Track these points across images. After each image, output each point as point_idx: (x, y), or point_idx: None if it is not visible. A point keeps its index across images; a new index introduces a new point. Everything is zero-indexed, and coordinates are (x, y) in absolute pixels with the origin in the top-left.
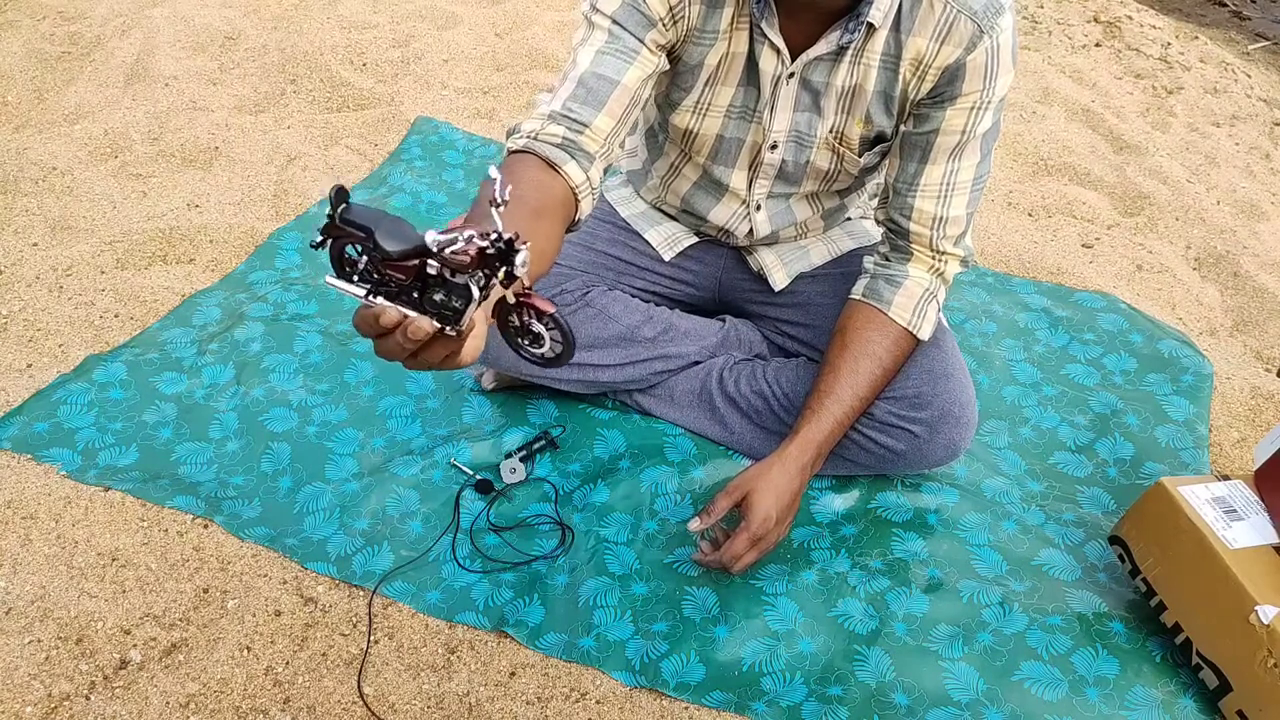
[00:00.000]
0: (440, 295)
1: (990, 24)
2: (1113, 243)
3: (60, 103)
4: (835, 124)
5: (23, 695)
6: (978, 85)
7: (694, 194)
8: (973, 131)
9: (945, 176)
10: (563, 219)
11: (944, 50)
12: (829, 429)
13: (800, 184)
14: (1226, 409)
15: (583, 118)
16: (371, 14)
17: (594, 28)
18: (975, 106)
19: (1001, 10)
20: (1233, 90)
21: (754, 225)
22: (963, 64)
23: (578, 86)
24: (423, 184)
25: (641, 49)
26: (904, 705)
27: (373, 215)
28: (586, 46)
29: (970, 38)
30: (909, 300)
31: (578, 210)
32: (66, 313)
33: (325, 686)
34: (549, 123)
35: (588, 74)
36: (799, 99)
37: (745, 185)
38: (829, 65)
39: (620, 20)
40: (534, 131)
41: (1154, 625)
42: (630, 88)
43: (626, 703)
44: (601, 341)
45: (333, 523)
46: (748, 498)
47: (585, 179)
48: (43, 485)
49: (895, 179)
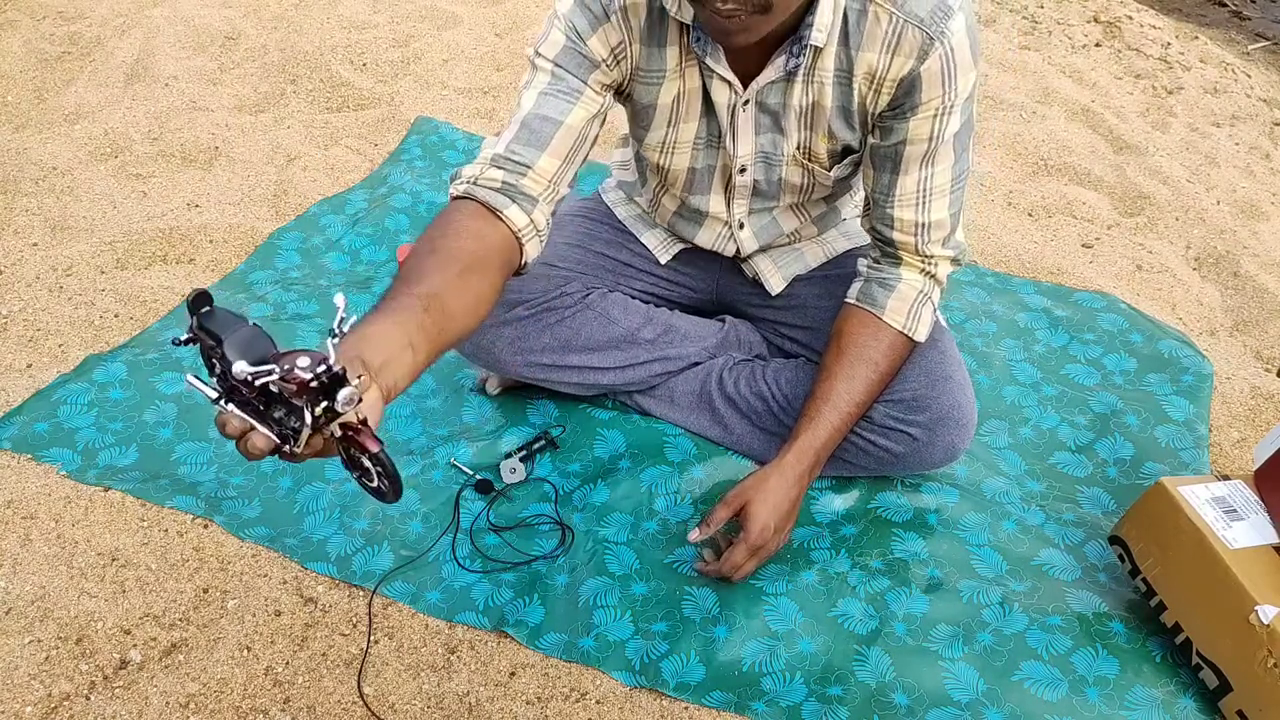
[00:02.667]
0: (280, 413)
1: (939, 30)
2: (1113, 243)
3: (60, 103)
4: (800, 140)
5: (23, 695)
6: (937, 92)
7: (677, 221)
8: (941, 136)
9: (920, 184)
10: (500, 267)
11: (896, 62)
12: (826, 436)
13: (778, 199)
14: (1226, 409)
15: (525, 159)
16: (371, 14)
17: (537, 70)
18: (939, 113)
19: (950, 13)
20: (1233, 90)
21: (739, 244)
22: (918, 74)
23: (520, 129)
24: (423, 184)
25: (585, 89)
26: (904, 705)
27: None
28: (530, 89)
29: (920, 47)
30: (903, 304)
31: (522, 255)
32: (66, 313)
33: (325, 686)
34: (489, 167)
35: (530, 115)
36: (759, 122)
37: (724, 207)
38: (782, 87)
39: (562, 63)
40: (474, 177)
41: (1154, 625)
42: (575, 128)
43: (626, 703)
44: (602, 344)
45: (333, 523)
46: (746, 508)
47: (529, 222)
48: (43, 485)
49: (872, 189)
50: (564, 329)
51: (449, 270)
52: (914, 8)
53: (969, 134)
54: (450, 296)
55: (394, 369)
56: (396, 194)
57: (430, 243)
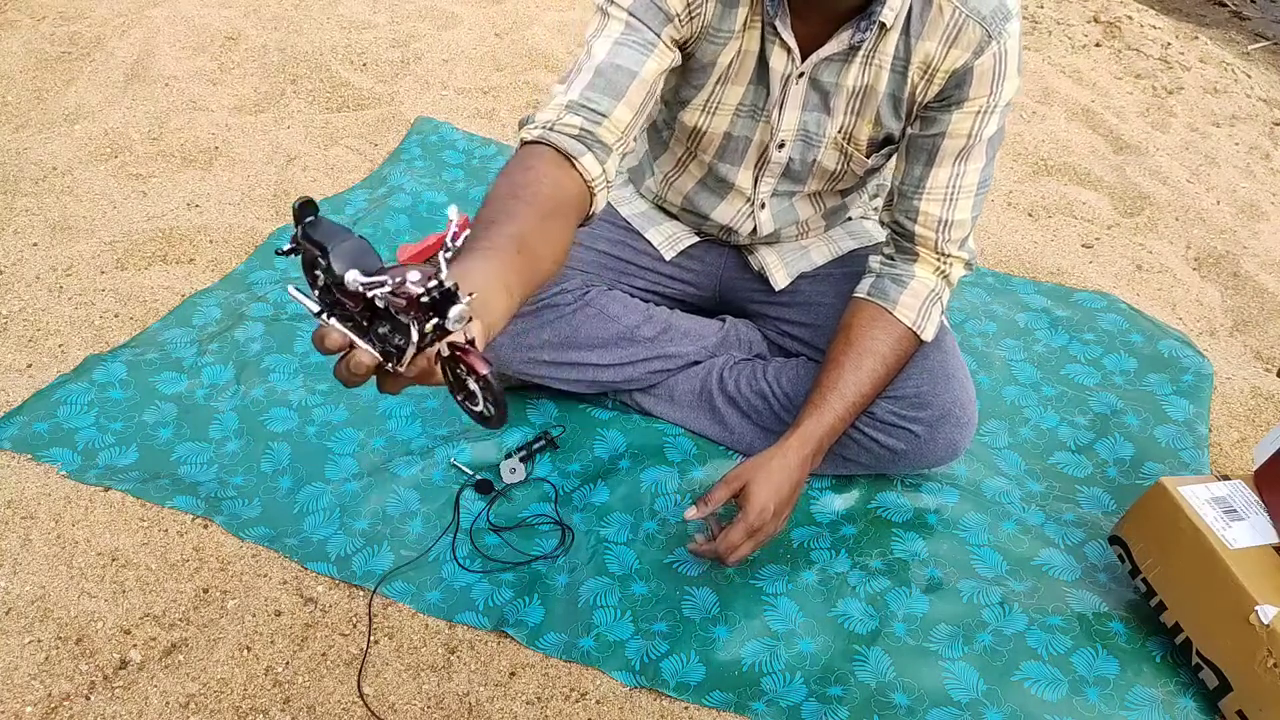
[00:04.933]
0: (385, 329)
1: (998, 29)
2: (1113, 243)
3: (60, 103)
4: (844, 124)
5: (23, 695)
6: (985, 90)
7: (698, 192)
8: (978, 135)
9: (951, 180)
10: (575, 216)
11: (952, 54)
12: (830, 424)
13: (805, 183)
14: (1226, 409)
15: (601, 108)
16: (371, 14)
17: (609, 19)
18: (981, 111)
19: (1009, 16)
20: (1233, 90)
21: (758, 224)
22: (970, 68)
23: (595, 76)
24: (423, 184)
25: (658, 42)
26: (904, 705)
27: (335, 234)
28: (602, 37)
29: (978, 42)
30: (914, 300)
31: (592, 204)
32: (66, 313)
33: (325, 686)
34: (566, 113)
35: (605, 64)
36: (808, 98)
37: (751, 184)
38: (839, 65)
39: (637, 13)
40: (550, 122)
41: (1154, 625)
42: (647, 80)
43: (626, 703)
44: (601, 341)
45: (333, 523)
46: (746, 488)
47: (601, 172)
48: (43, 485)
49: (901, 182)
50: (563, 326)
51: (533, 215)
52: (977, 4)
53: (1000, 141)
54: (537, 241)
55: (493, 309)
56: (396, 194)
57: (511, 186)
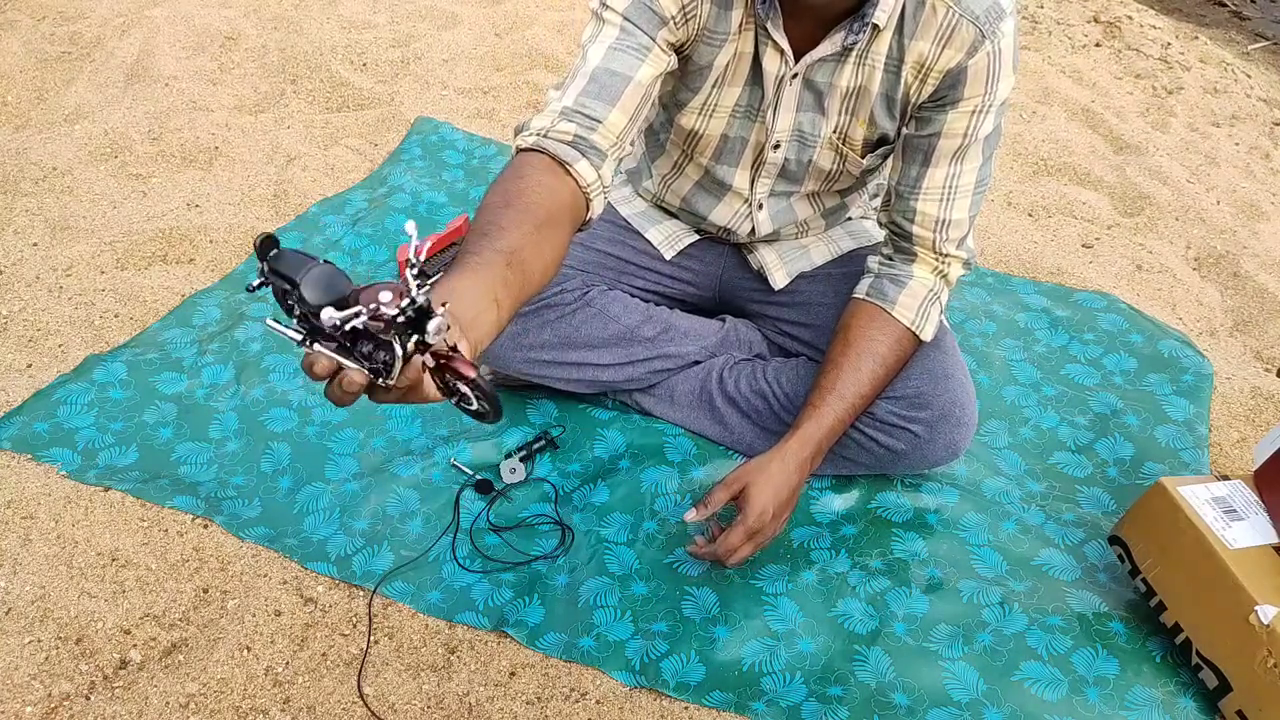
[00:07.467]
0: (368, 348)
1: (992, 29)
2: (1113, 243)
3: (60, 103)
4: (839, 125)
5: (23, 695)
6: (979, 89)
7: (695, 194)
8: (974, 135)
9: (947, 179)
10: (570, 223)
11: (945, 54)
12: (830, 425)
13: (802, 183)
14: (1226, 409)
15: (595, 113)
16: (371, 14)
17: (604, 24)
18: (977, 110)
19: (1003, 15)
20: (1233, 90)
21: (756, 224)
22: (964, 68)
23: (589, 82)
24: (423, 184)
25: (653, 47)
26: (904, 705)
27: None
28: (597, 43)
29: (972, 42)
30: (913, 300)
31: (589, 210)
32: (66, 313)
33: (325, 686)
34: (560, 119)
35: (600, 70)
36: (802, 99)
37: (748, 184)
38: (833, 66)
39: (632, 18)
40: (544, 129)
41: (1154, 625)
42: (643, 85)
43: (626, 703)
44: (601, 341)
45: (333, 523)
46: (745, 490)
47: (596, 178)
48: (43, 485)
49: (898, 182)
50: (563, 326)
51: (526, 225)
52: (971, 4)
53: (997, 141)
54: (529, 252)
55: (481, 324)
56: (396, 194)
57: (504, 196)
